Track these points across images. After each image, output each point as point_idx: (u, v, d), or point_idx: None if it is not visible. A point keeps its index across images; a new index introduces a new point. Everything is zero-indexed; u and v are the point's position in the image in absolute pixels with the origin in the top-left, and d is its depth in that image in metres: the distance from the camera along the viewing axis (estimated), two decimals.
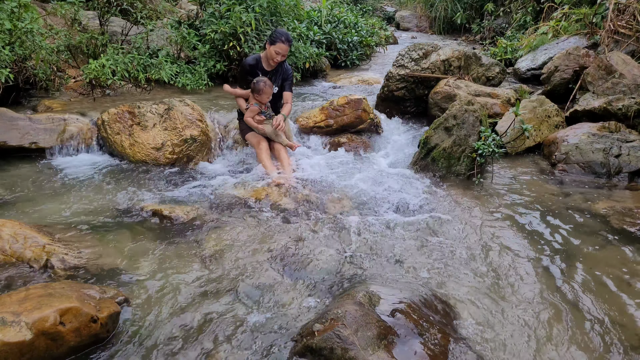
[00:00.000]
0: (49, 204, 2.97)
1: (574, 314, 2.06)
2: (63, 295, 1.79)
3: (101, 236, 2.57)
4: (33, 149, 3.60)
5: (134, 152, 3.68)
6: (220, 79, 5.84)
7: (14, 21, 4.03)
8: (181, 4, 7.90)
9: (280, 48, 3.67)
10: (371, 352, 1.64)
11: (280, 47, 3.66)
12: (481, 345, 1.86)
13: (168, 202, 3.05)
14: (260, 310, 2.05)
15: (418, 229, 2.80)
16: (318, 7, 8.00)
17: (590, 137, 3.80)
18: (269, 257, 2.48)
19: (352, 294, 1.97)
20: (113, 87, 4.98)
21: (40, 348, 1.62)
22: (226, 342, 1.85)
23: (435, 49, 4.93)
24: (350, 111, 4.26)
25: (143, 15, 5.64)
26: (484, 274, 2.36)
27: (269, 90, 3.69)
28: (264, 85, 3.66)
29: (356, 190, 3.32)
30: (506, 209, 3.06)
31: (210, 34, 5.49)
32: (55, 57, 4.72)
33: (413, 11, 14.76)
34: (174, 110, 3.84)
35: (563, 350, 1.86)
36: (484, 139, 3.47)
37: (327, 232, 2.75)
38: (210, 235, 2.68)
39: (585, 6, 6.68)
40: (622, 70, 4.39)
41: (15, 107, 4.02)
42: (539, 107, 4.26)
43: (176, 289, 2.17)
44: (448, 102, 4.34)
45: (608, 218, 2.90)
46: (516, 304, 2.13)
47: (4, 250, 2.17)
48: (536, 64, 6.18)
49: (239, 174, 3.64)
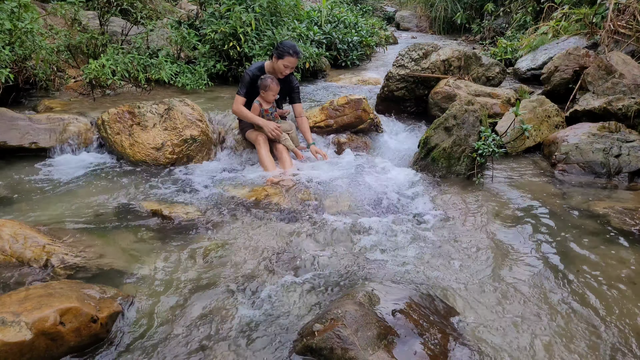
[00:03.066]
0: (49, 203, 2.97)
1: (574, 313, 2.06)
2: (63, 295, 1.79)
3: (101, 236, 2.57)
4: (33, 149, 3.60)
5: (134, 152, 3.68)
6: (220, 79, 5.85)
7: (14, 21, 4.03)
8: (181, 4, 7.90)
9: (290, 62, 3.63)
10: (371, 352, 1.64)
11: (289, 60, 3.63)
12: (481, 345, 1.86)
13: (168, 202, 3.05)
14: (260, 310, 2.05)
15: (418, 229, 2.80)
16: (318, 7, 8.00)
17: (590, 137, 3.80)
18: (269, 257, 2.48)
19: (352, 294, 1.97)
20: (113, 87, 4.98)
21: (40, 348, 1.62)
22: (226, 341, 1.85)
23: (435, 49, 4.93)
24: (350, 111, 4.26)
25: (143, 15, 5.65)
26: (484, 274, 2.36)
27: (275, 88, 3.68)
28: (271, 82, 3.65)
29: (355, 190, 3.32)
30: (506, 209, 3.06)
31: (210, 34, 5.49)
32: (55, 57, 4.72)
33: (413, 11, 14.76)
34: (174, 110, 3.84)
35: (563, 350, 1.85)
36: (484, 139, 3.47)
37: (326, 232, 2.75)
38: (210, 235, 2.68)
39: (585, 6, 6.68)
40: (622, 70, 4.39)
41: (15, 107, 4.02)
42: (539, 107, 4.26)
43: (176, 289, 2.17)
44: (448, 102, 4.34)
45: (608, 218, 2.90)
46: (516, 303, 2.13)
47: (4, 250, 2.17)
48: (536, 64, 6.18)
49: (239, 174, 3.64)
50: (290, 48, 3.61)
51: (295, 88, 3.94)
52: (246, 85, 3.75)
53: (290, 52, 3.60)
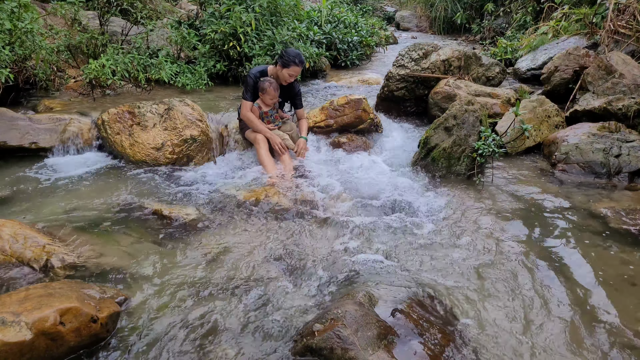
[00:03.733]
0: (49, 203, 2.97)
1: (574, 314, 2.06)
2: (63, 295, 1.79)
3: (101, 236, 2.57)
4: (33, 149, 3.60)
5: (134, 152, 3.68)
6: (220, 79, 5.85)
7: (14, 21, 4.03)
8: (181, 4, 7.90)
9: (295, 71, 3.70)
10: (371, 352, 1.64)
11: (294, 70, 3.69)
12: (481, 345, 1.86)
13: (168, 202, 3.05)
14: (260, 310, 2.05)
15: (418, 229, 2.80)
16: (318, 7, 8.00)
17: (590, 137, 3.80)
18: (269, 257, 2.48)
19: (352, 294, 1.97)
20: (113, 87, 4.98)
21: (40, 348, 1.62)
22: (226, 341, 1.85)
23: (435, 49, 4.93)
24: (350, 111, 4.26)
25: (143, 15, 5.65)
26: (484, 274, 2.36)
27: (272, 92, 3.71)
28: (269, 86, 3.69)
29: (355, 191, 3.32)
30: (506, 209, 3.06)
31: (210, 34, 5.49)
32: (55, 57, 4.72)
33: (413, 11, 14.76)
34: (174, 110, 3.84)
35: (563, 350, 1.86)
36: (484, 138, 3.47)
37: (326, 232, 2.75)
38: (209, 235, 2.68)
39: (585, 6, 6.68)
40: (622, 70, 4.39)
41: (15, 107, 4.02)
42: (539, 107, 4.26)
43: (176, 289, 2.17)
44: (448, 102, 4.34)
45: (608, 218, 2.90)
46: (516, 303, 2.13)
47: (4, 250, 2.17)
48: (536, 64, 6.18)
49: (239, 174, 3.64)
50: (295, 57, 3.66)
51: (297, 93, 3.99)
52: (251, 89, 3.78)
53: (295, 61, 3.66)
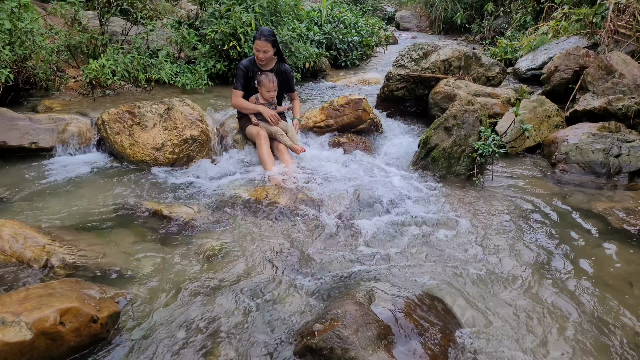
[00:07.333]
0: (49, 204, 2.97)
1: (574, 314, 2.06)
2: (63, 295, 1.79)
3: (101, 236, 2.57)
4: (33, 149, 3.60)
5: (134, 152, 3.68)
6: (220, 79, 5.85)
7: (14, 21, 4.03)
8: (181, 4, 7.90)
9: (259, 45, 3.65)
10: (371, 352, 1.64)
11: (257, 44, 3.66)
12: (481, 345, 1.86)
13: (168, 202, 3.05)
14: (260, 310, 2.05)
15: (418, 229, 2.80)
16: (318, 7, 8.00)
17: (590, 137, 3.80)
18: (269, 256, 2.48)
19: (352, 294, 1.97)
20: (113, 87, 4.98)
21: (40, 348, 1.62)
22: (226, 341, 1.85)
23: (435, 49, 4.93)
24: (350, 111, 4.26)
25: (143, 15, 5.64)
26: (484, 274, 2.36)
27: (267, 84, 3.73)
28: (264, 78, 3.73)
29: (355, 190, 3.32)
30: (506, 209, 3.06)
31: (210, 34, 5.49)
32: (55, 57, 4.72)
33: (413, 11, 14.77)
34: (174, 110, 3.84)
35: (563, 350, 1.86)
36: (484, 139, 3.47)
37: (326, 231, 2.75)
38: (210, 235, 2.68)
39: (585, 6, 6.68)
40: (622, 70, 4.39)
41: (15, 107, 4.02)
42: (539, 107, 4.26)
43: (176, 289, 2.17)
44: (448, 102, 4.34)
45: (608, 218, 2.90)
46: (516, 303, 2.13)
47: (4, 250, 2.17)
48: (536, 64, 6.19)
49: (239, 174, 3.63)
50: (258, 32, 3.64)
51: (289, 77, 3.98)
52: (241, 78, 3.80)
53: (257, 35, 3.64)
